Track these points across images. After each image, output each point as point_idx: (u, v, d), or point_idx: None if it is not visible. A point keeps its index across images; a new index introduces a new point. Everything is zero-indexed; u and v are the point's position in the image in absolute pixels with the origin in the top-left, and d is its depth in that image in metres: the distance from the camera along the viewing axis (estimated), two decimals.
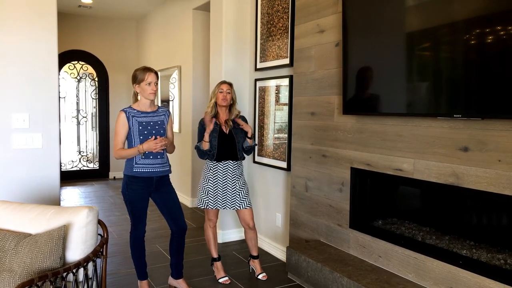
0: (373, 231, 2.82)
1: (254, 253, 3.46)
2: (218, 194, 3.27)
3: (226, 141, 3.25)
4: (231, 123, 3.28)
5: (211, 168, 3.28)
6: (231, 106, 3.31)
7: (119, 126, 2.79)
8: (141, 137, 2.79)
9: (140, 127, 2.79)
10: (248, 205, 3.31)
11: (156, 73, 2.84)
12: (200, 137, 3.27)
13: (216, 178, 3.27)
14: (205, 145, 3.19)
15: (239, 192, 3.29)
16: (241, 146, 3.30)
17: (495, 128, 2.04)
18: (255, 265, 3.45)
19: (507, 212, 2.24)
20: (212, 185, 3.26)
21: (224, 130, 3.27)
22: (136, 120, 2.80)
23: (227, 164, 3.28)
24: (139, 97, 2.88)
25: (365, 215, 2.93)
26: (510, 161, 1.99)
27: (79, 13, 7.26)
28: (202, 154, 3.27)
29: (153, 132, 2.82)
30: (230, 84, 3.33)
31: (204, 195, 3.27)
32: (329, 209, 3.14)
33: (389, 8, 2.54)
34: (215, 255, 3.39)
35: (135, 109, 2.83)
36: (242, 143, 3.31)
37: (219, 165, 3.27)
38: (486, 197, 2.12)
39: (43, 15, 3.13)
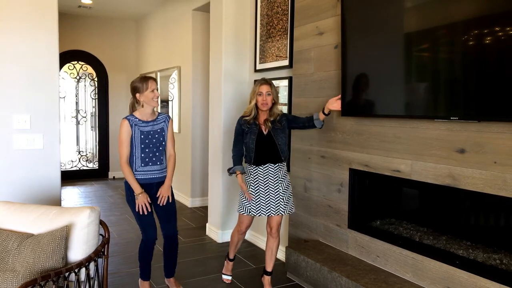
0: (372, 231, 2.85)
1: (268, 268, 3.15)
2: (261, 201, 3.03)
3: (265, 143, 3.00)
4: (269, 124, 3.01)
5: (251, 173, 3.06)
6: (272, 105, 3.04)
7: (124, 135, 2.82)
8: (142, 146, 2.85)
9: (142, 136, 2.85)
10: (290, 210, 3.08)
11: (155, 80, 2.93)
12: (238, 139, 3.09)
13: (257, 183, 3.03)
14: (239, 178, 3.06)
15: (282, 196, 3.04)
16: (283, 147, 3.04)
17: (491, 130, 2.07)
18: (264, 282, 3.16)
19: (503, 213, 2.27)
20: (253, 191, 3.04)
21: (263, 131, 3.03)
22: (139, 129, 2.85)
23: (267, 167, 3.02)
24: (137, 106, 2.90)
25: (363, 215, 2.96)
26: (505, 162, 2.02)
27: (79, 13, 7.28)
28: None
29: (154, 141, 2.88)
30: (271, 84, 3.02)
31: (246, 201, 3.05)
32: (328, 210, 3.17)
33: (387, 11, 2.56)
34: (231, 256, 3.36)
35: (137, 118, 2.87)
36: (283, 144, 3.04)
37: (259, 169, 3.03)
38: (482, 198, 2.15)
39: (44, 15, 3.14)
